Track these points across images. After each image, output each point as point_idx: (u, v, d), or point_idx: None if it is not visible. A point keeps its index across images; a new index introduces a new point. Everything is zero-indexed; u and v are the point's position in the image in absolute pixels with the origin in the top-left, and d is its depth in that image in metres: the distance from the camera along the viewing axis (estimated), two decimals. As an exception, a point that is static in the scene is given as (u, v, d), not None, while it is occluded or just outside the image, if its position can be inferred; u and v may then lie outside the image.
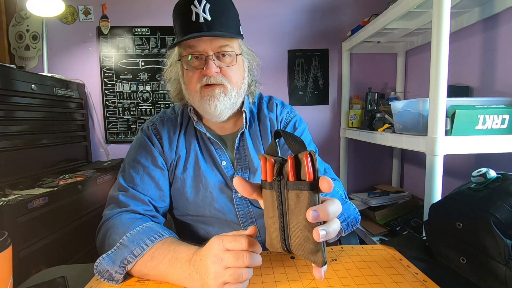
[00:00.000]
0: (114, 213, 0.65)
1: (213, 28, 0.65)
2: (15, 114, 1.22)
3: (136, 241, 0.56)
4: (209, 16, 0.64)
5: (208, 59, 0.66)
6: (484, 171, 0.55)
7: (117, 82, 1.80)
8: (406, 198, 1.63)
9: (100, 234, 0.64)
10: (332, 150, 1.94)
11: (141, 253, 0.54)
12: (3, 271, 0.42)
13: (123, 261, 0.54)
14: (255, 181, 0.72)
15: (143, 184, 0.71)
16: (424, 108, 0.99)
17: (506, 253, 0.45)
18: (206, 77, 0.67)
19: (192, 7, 0.64)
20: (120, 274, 0.54)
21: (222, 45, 0.67)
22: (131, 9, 1.78)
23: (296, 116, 0.84)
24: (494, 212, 0.48)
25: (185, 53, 0.68)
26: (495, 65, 1.18)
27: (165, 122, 0.79)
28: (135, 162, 0.73)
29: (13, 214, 0.98)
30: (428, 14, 1.29)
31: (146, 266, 0.54)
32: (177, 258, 0.52)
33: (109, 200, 0.70)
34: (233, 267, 0.45)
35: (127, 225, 0.60)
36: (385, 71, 1.91)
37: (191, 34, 0.64)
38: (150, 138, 0.76)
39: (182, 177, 0.74)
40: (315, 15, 1.84)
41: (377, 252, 0.63)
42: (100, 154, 1.84)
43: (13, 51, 1.76)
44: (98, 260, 0.56)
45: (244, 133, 0.77)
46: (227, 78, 0.69)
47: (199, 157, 0.75)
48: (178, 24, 0.68)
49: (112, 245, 0.57)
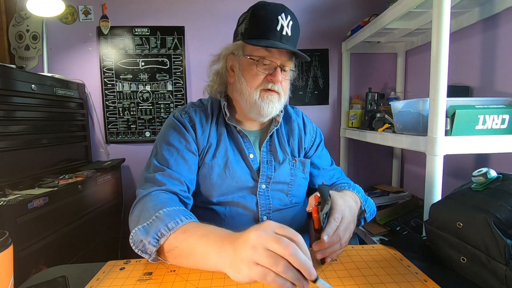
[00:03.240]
0: (150, 190, 0.67)
1: (289, 43, 0.73)
2: (15, 114, 1.22)
3: (171, 216, 0.57)
4: (290, 31, 0.72)
5: (278, 69, 0.74)
6: (485, 171, 0.55)
7: (117, 82, 1.80)
8: (406, 198, 1.63)
9: (136, 210, 0.65)
10: (332, 150, 1.93)
11: (175, 227, 0.55)
12: (4, 271, 0.42)
13: (157, 232, 0.55)
14: (277, 172, 0.81)
15: (177, 166, 0.73)
16: (424, 108, 0.99)
17: (507, 253, 0.45)
18: (271, 83, 0.74)
19: (280, 18, 0.71)
20: (153, 246, 0.54)
21: (289, 60, 0.76)
22: (131, 9, 1.78)
23: (317, 128, 0.96)
24: (495, 212, 0.48)
25: (258, 54, 0.73)
26: (495, 65, 1.18)
27: (197, 111, 0.82)
28: (169, 145, 0.76)
29: (13, 214, 0.98)
30: (428, 14, 1.29)
31: (177, 239, 0.54)
32: (211, 232, 0.52)
33: (145, 180, 0.72)
34: (274, 252, 0.41)
35: (164, 202, 0.62)
36: (385, 71, 1.91)
37: (277, 43, 0.71)
38: (184, 124, 0.79)
39: (210, 163, 0.78)
40: (315, 15, 1.84)
41: (378, 252, 0.63)
42: (100, 154, 1.84)
43: (13, 51, 1.76)
44: (133, 231, 0.57)
45: (274, 131, 0.84)
46: (283, 88, 0.77)
47: (228, 148, 0.80)
48: (261, 26, 0.72)
49: (148, 219, 0.58)
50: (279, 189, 0.81)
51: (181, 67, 1.82)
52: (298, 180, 0.84)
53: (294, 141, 0.87)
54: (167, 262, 0.58)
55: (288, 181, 0.83)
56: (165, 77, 1.82)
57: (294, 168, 0.84)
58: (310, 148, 0.91)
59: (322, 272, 0.55)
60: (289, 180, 0.83)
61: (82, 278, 0.55)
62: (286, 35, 0.72)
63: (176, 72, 1.82)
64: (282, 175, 0.81)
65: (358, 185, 0.86)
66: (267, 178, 0.80)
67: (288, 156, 0.84)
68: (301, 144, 0.88)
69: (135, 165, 1.86)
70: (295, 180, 0.84)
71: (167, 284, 0.52)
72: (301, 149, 0.88)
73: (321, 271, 0.55)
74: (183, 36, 1.81)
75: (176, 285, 0.52)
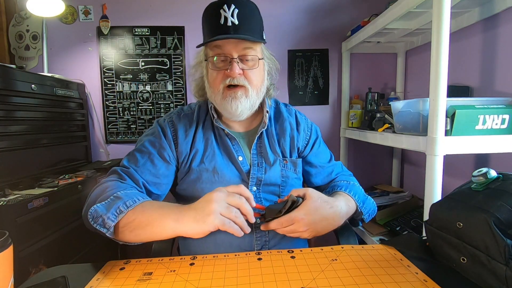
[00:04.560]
0: (112, 179, 0.70)
1: (239, 32, 0.70)
2: (15, 114, 1.22)
3: (129, 196, 0.62)
4: (236, 20, 0.69)
5: (232, 61, 0.71)
6: (485, 171, 0.55)
7: (117, 82, 1.80)
8: (406, 198, 1.63)
9: (96, 191, 0.67)
10: (332, 150, 1.91)
11: (133, 205, 0.60)
12: (4, 271, 0.42)
13: (116, 209, 0.59)
14: (268, 174, 0.80)
15: (143, 167, 0.74)
16: (424, 108, 0.99)
17: (507, 253, 0.45)
18: (230, 78, 0.71)
19: (222, 11, 0.69)
20: (112, 221, 0.58)
21: (246, 48, 0.71)
22: (131, 9, 1.78)
23: (313, 124, 0.95)
24: (495, 212, 0.48)
25: (211, 54, 0.73)
26: (495, 65, 1.18)
27: (182, 117, 0.83)
28: (143, 147, 0.78)
29: (13, 214, 0.98)
30: (428, 14, 1.29)
31: (135, 213, 0.59)
32: (167, 205, 0.62)
33: (109, 172, 0.75)
34: (230, 204, 0.58)
35: (123, 187, 0.66)
36: (385, 71, 1.91)
37: (218, 36, 0.68)
38: (164, 130, 0.80)
39: (198, 169, 0.78)
40: (315, 15, 1.84)
41: (378, 252, 0.63)
42: (100, 154, 1.84)
43: (13, 51, 1.76)
44: (93, 208, 0.60)
45: (262, 132, 0.82)
46: (249, 80, 0.73)
47: (216, 152, 0.79)
48: (207, 26, 0.72)
49: (106, 199, 0.62)
50: (270, 191, 0.80)
51: (181, 67, 1.82)
52: (290, 180, 0.82)
53: (285, 141, 0.85)
54: (120, 241, 0.62)
55: (280, 183, 0.81)
56: (165, 77, 1.82)
57: (285, 169, 0.83)
58: (305, 147, 0.89)
59: (322, 272, 0.55)
60: (280, 182, 0.81)
61: (82, 278, 0.55)
62: (233, 25, 0.69)
63: (176, 72, 1.82)
64: (273, 177, 0.80)
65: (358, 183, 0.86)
66: (258, 181, 0.79)
67: (278, 157, 0.82)
68: (293, 144, 0.86)
69: (135, 165, 1.86)
70: (287, 181, 0.82)
71: (167, 284, 0.52)
72: (294, 149, 0.86)
73: (321, 271, 0.55)
74: (183, 36, 1.81)
75: (176, 285, 0.52)
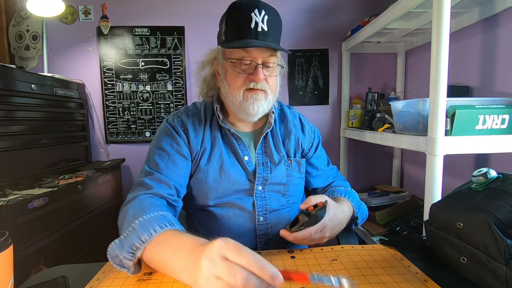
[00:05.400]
0: (137, 195, 0.67)
1: (267, 39, 0.71)
2: (15, 114, 1.22)
3: (145, 227, 0.55)
4: (266, 26, 0.70)
5: (258, 67, 0.72)
6: (485, 171, 0.55)
7: (117, 82, 1.80)
8: (406, 198, 1.63)
9: (121, 216, 0.64)
10: (332, 150, 1.94)
11: (149, 239, 0.53)
12: (4, 271, 0.42)
13: (131, 246, 0.53)
14: (273, 173, 0.81)
15: (167, 170, 0.73)
16: (424, 108, 0.99)
17: (507, 253, 0.45)
18: (253, 82, 0.72)
19: (253, 15, 0.69)
20: (130, 260, 0.53)
21: (271, 55, 0.73)
22: (131, 9, 1.78)
23: (316, 128, 0.95)
24: (495, 212, 0.48)
25: (236, 56, 0.73)
26: (495, 65, 1.18)
27: (190, 116, 0.83)
28: (160, 150, 0.76)
29: (13, 214, 0.98)
30: (428, 14, 1.29)
31: (151, 251, 0.53)
32: (180, 247, 0.49)
33: (134, 185, 0.72)
34: (224, 281, 0.38)
35: (144, 210, 0.60)
36: (385, 71, 1.91)
37: (252, 41, 0.69)
38: (175, 128, 0.79)
39: (206, 168, 0.78)
40: (315, 15, 1.84)
41: (378, 252, 0.63)
42: (100, 154, 1.84)
43: (13, 51, 1.76)
44: (110, 246, 0.55)
45: (268, 132, 0.83)
46: (269, 85, 0.75)
47: (223, 151, 0.80)
48: (235, 27, 0.71)
49: (126, 230, 0.57)
50: (275, 190, 0.81)
51: (181, 67, 1.82)
52: (295, 180, 0.84)
53: (290, 142, 0.86)
54: None
55: (285, 182, 0.82)
56: (165, 77, 1.82)
57: (290, 168, 0.84)
58: (310, 149, 0.91)
59: (322, 272, 0.55)
60: (285, 181, 0.82)
61: (82, 278, 0.55)
62: (263, 31, 0.70)
63: (176, 72, 1.82)
64: (278, 176, 0.81)
65: (354, 188, 0.88)
66: (263, 180, 0.80)
67: (283, 157, 0.84)
68: (298, 144, 0.87)
69: (135, 165, 1.86)
70: (292, 181, 0.83)
71: (167, 284, 0.52)
72: (298, 149, 0.88)
73: (321, 271, 0.55)
74: (183, 36, 1.81)
75: (176, 285, 0.52)
